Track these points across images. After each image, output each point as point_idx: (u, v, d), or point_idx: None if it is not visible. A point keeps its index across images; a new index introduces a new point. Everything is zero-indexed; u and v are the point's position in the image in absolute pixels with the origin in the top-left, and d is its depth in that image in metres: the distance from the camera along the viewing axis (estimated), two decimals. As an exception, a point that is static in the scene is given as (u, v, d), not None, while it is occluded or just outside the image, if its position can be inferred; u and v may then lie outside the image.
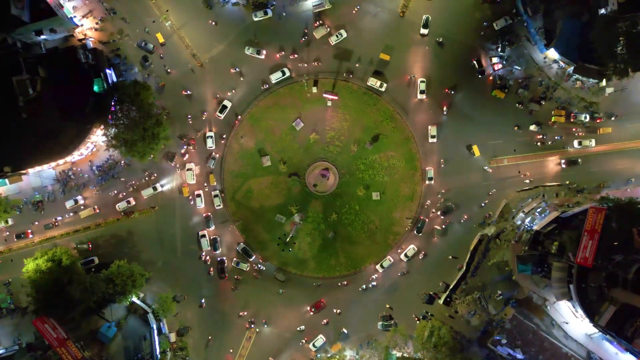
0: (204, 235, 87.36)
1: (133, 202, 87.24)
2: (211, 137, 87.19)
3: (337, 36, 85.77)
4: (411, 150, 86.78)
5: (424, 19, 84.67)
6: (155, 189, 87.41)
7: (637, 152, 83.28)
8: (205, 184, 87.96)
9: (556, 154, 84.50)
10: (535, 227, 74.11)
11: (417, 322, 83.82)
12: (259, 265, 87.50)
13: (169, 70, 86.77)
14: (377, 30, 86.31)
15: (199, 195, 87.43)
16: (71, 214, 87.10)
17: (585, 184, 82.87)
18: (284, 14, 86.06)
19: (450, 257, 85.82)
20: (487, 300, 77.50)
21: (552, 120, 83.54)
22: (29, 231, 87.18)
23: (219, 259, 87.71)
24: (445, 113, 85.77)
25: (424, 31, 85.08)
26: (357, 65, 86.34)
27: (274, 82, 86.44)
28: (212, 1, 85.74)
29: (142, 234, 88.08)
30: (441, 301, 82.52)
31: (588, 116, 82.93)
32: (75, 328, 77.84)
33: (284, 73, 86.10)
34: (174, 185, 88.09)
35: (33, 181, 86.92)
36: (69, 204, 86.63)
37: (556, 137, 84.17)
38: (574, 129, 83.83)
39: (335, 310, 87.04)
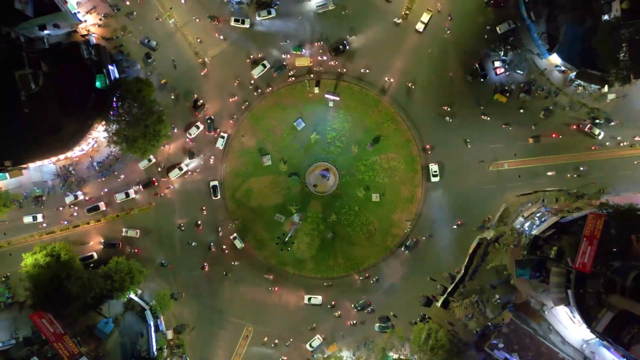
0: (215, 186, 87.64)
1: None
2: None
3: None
4: (412, 152, 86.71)
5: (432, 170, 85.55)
6: (181, 169, 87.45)
7: (637, 158, 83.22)
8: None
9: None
10: (534, 232, 74.05)
11: (414, 324, 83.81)
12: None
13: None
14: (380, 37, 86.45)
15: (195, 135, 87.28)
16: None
17: (585, 189, 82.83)
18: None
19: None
20: (485, 303, 77.54)
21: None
22: (154, 179, 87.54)
23: None
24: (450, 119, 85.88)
25: (434, 179, 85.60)
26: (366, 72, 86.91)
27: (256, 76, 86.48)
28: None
29: (141, 230, 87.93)
30: (439, 304, 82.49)
31: (603, 133, 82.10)
32: (73, 323, 77.92)
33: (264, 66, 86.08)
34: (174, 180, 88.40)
35: (33, 176, 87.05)
36: (69, 199, 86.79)
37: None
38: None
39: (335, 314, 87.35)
